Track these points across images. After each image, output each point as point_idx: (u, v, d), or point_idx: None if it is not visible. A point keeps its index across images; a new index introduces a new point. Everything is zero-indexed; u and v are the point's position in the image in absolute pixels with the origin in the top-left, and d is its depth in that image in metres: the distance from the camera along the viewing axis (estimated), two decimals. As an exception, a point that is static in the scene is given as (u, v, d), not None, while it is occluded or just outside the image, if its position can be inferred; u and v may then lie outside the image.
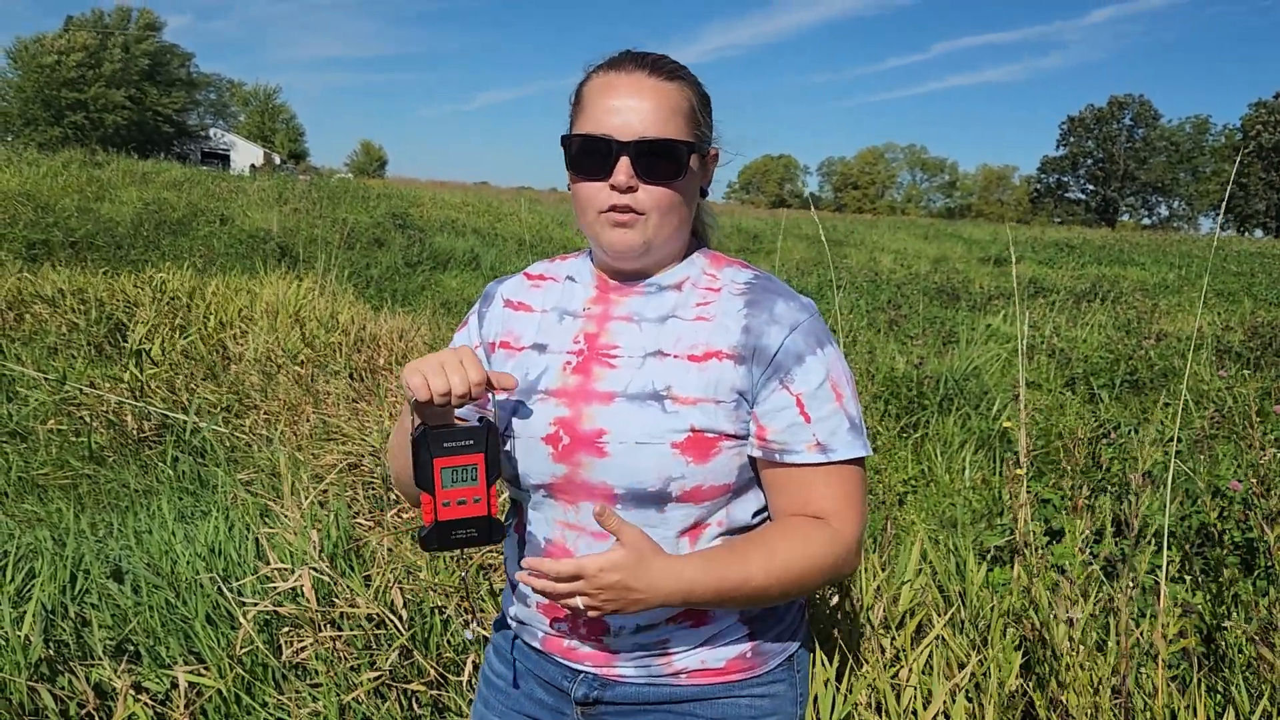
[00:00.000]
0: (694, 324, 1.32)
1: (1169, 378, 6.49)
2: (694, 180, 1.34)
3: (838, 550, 1.28)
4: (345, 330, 6.48)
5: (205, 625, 2.69)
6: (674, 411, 1.27)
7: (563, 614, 1.36)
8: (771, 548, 1.27)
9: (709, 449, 1.27)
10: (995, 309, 10.79)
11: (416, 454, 1.25)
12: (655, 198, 1.29)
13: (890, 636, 2.11)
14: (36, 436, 5.08)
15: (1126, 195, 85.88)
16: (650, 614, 1.31)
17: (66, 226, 12.65)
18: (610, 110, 1.28)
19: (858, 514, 1.31)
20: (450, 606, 2.76)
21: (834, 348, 1.33)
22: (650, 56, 1.33)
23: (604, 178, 1.28)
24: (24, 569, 3.15)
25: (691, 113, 1.32)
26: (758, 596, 1.27)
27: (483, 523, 1.28)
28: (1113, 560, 2.70)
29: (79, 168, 20.94)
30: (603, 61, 1.34)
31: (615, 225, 1.30)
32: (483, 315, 1.49)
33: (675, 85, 1.31)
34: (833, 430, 1.28)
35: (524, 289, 1.48)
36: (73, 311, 7.08)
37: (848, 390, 1.31)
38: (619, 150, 1.27)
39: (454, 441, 1.25)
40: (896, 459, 4.94)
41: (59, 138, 51.03)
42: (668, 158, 1.28)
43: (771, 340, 1.28)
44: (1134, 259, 24.22)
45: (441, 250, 14.70)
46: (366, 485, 4.02)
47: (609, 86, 1.30)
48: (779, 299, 1.31)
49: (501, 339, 1.46)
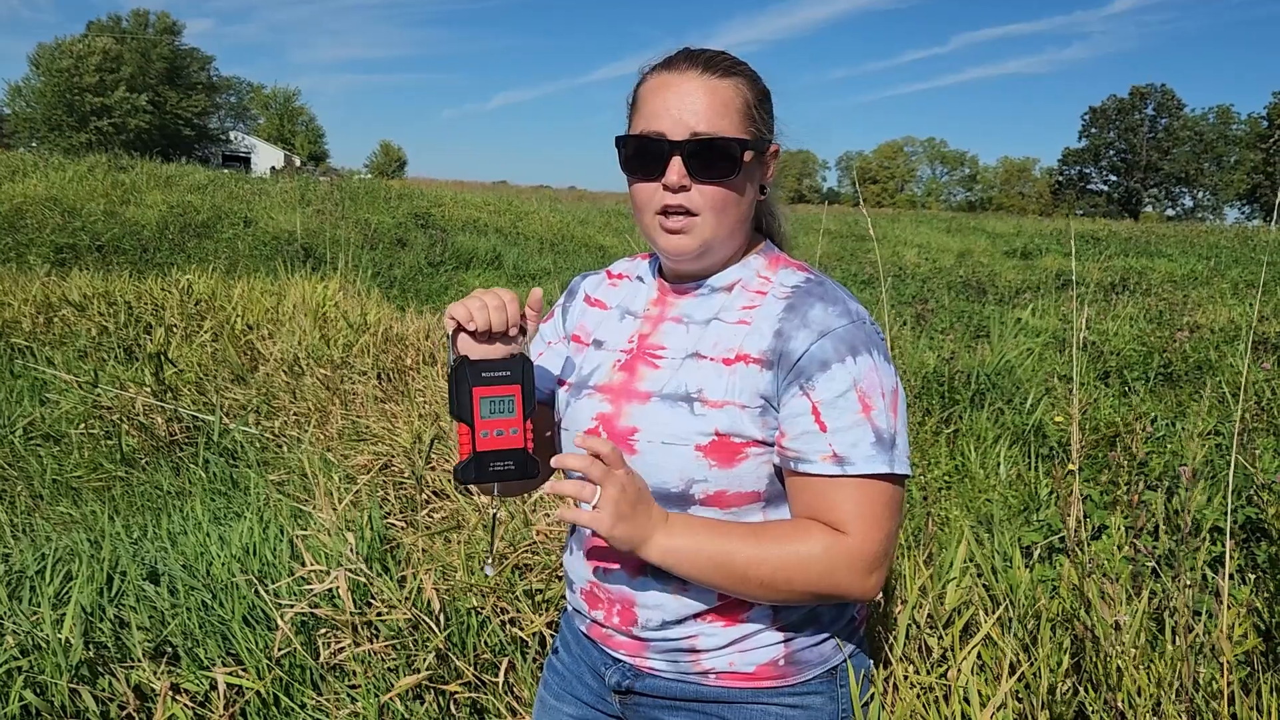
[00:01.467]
0: (734, 327, 1.30)
1: (1204, 370, 6.39)
2: (751, 178, 1.32)
3: (835, 559, 1.21)
4: (372, 331, 6.48)
5: (243, 627, 2.69)
6: (702, 414, 1.26)
7: (599, 602, 1.38)
8: (761, 531, 1.24)
9: (734, 454, 1.26)
10: (1023, 302, 10.69)
11: (456, 384, 1.26)
12: (709, 197, 1.27)
13: (937, 635, 2.08)
14: (69, 439, 5.12)
15: (1150, 186, 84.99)
16: (678, 609, 1.30)
17: (93, 231, 12.78)
18: (662, 109, 1.27)
19: (877, 532, 1.22)
20: (487, 607, 2.75)
21: (872, 358, 1.25)
22: (705, 54, 1.30)
23: (657, 177, 1.27)
24: (61, 571, 3.16)
25: (747, 109, 1.29)
26: (740, 577, 1.22)
27: (520, 455, 1.28)
28: (1159, 558, 2.65)
29: (104, 172, 21.12)
30: (658, 61, 1.33)
31: (669, 231, 1.29)
32: (566, 309, 1.54)
33: (730, 82, 1.28)
34: (853, 442, 1.21)
35: (603, 286, 1.51)
36: (101, 315, 7.13)
37: (880, 403, 1.23)
38: (671, 149, 1.25)
39: (492, 372, 1.26)
40: (930, 455, 4.89)
41: (84, 143, 51.59)
42: (721, 156, 1.26)
43: (798, 345, 1.24)
44: (1161, 250, 23.95)
45: (464, 250, 14.73)
46: (398, 486, 4.02)
47: (662, 86, 1.29)
48: (818, 303, 1.27)
49: (574, 333, 1.49)
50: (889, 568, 1.26)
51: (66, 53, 59.55)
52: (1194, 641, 1.78)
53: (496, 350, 1.30)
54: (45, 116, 59.51)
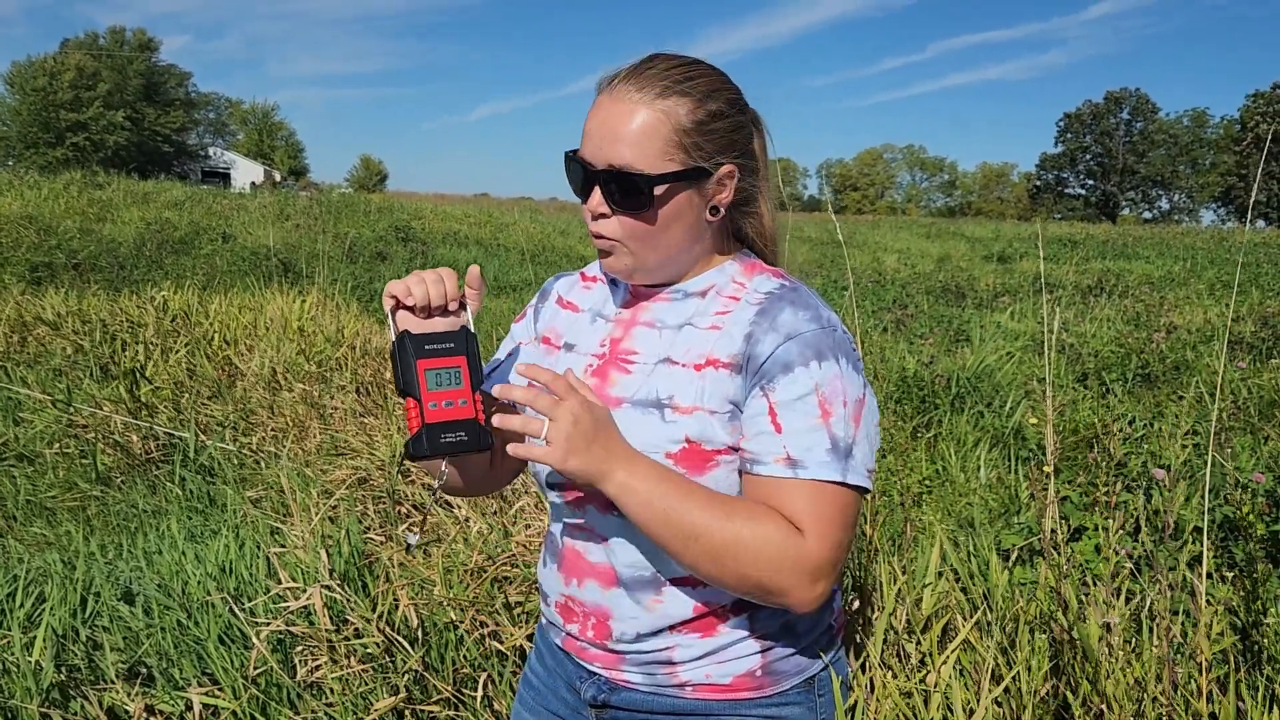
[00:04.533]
0: (706, 332, 1.28)
1: (1181, 370, 6.43)
2: (682, 206, 1.25)
3: (787, 554, 1.16)
4: (350, 344, 6.45)
5: (218, 646, 2.65)
6: (672, 421, 1.24)
7: (573, 616, 1.36)
8: (728, 503, 1.19)
9: (705, 461, 1.23)
10: (1002, 306, 10.74)
11: (400, 359, 1.23)
12: (626, 228, 1.25)
13: (915, 641, 2.07)
14: (44, 459, 5.06)
15: (1126, 190, 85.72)
16: (653, 621, 1.29)
17: (69, 248, 12.68)
18: (589, 132, 1.25)
19: (830, 539, 1.17)
20: (466, 620, 2.73)
21: (839, 365, 1.21)
22: (649, 71, 1.24)
23: (585, 200, 1.27)
24: (34, 593, 3.12)
25: (675, 135, 1.22)
26: (687, 537, 1.16)
27: (471, 425, 1.24)
28: (1137, 559, 2.65)
29: (80, 189, 20.99)
30: (612, 72, 1.28)
31: (600, 251, 1.29)
32: (538, 310, 1.50)
33: (664, 105, 1.22)
34: (808, 446, 1.18)
35: (576, 288, 1.48)
36: (76, 333, 7.07)
37: (840, 411, 1.19)
38: (590, 178, 1.24)
39: (435, 344, 1.24)
40: (910, 459, 4.89)
41: (60, 160, 51.32)
42: (631, 190, 1.22)
43: (765, 348, 1.21)
44: (1138, 253, 24.16)
45: (444, 262, 14.69)
46: (376, 500, 3.99)
47: (596, 106, 1.25)
48: (789, 307, 1.24)
49: (544, 335, 1.46)
50: (833, 583, 1.20)
51: (41, 70, 59.27)
52: (1172, 641, 1.78)
53: (438, 325, 1.27)
54: (21, 134, 59.17)
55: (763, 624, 1.30)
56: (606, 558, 1.31)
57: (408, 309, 1.27)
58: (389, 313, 1.28)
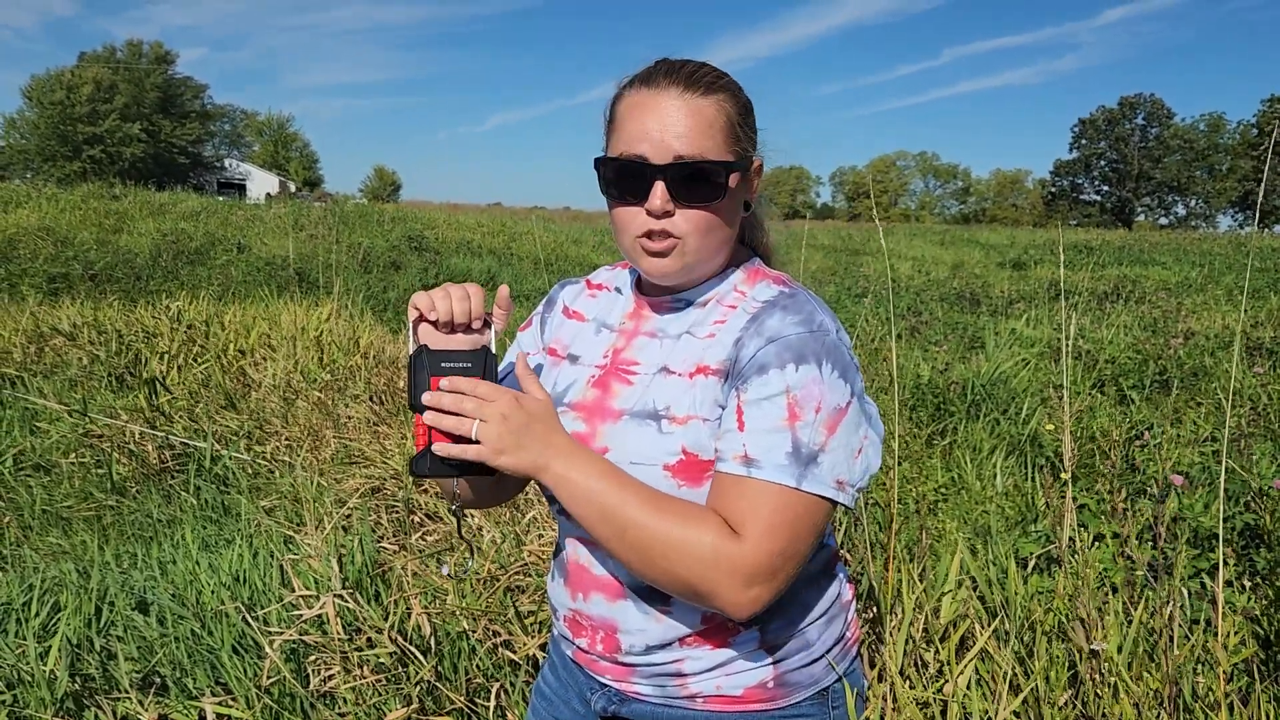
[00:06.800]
0: (703, 341, 1.27)
1: (1199, 376, 6.38)
2: (736, 198, 1.27)
3: (719, 558, 1.13)
4: (365, 354, 6.46)
5: (232, 655, 2.65)
6: (669, 432, 1.23)
7: (582, 629, 1.35)
8: (662, 502, 1.18)
9: (702, 472, 1.22)
10: (1017, 313, 10.68)
11: (415, 374, 1.21)
12: (693, 221, 1.23)
13: (933, 650, 2.05)
14: (60, 469, 5.08)
15: (1142, 195, 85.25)
16: (662, 633, 1.27)
17: (86, 260, 12.77)
18: (644, 131, 1.22)
19: (771, 544, 1.14)
20: (479, 629, 2.72)
21: (819, 370, 1.18)
22: (685, 69, 1.25)
23: (640, 202, 1.23)
24: (49, 602, 3.13)
25: (730, 127, 1.24)
26: (618, 531, 1.16)
27: None
28: (1155, 566, 2.62)
29: (97, 201, 21.17)
30: (635, 75, 1.27)
31: (652, 254, 1.25)
32: (544, 320, 1.49)
33: (712, 99, 1.23)
34: (768, 447, 1.15)
35: (582, 297, 1.47)
36: (92, 344, 7.11)
37: (810, 416, 1.16)
38: (654, 174, 1.21)
39: (452, 362, 1.21)
40: (925, 467, 4.86)
41: (77, 173, 51.79)
42: (705, 180, 1.21)
43: (747, 351, 1.20)
44: (1154, 259, 24.00)
45: (458, 271, 14.73)
46: (390, 509, 3.99)
47: (642, 105, 1.23)
48: (779, 312, 1.22)
49: (550, 345, 1.46)
50: (774, 592, 1.17)
51: (59, 84, 59.87)
52: (1191, 650, 1.76)
53: (459, 341, 1.25)
54: (39, 148, 59.74)
55: (774, 634, 1.29)
56: (611, 570, 1.30)
57: (430, 322, 1.25)
58: (410, 324, 1.26)
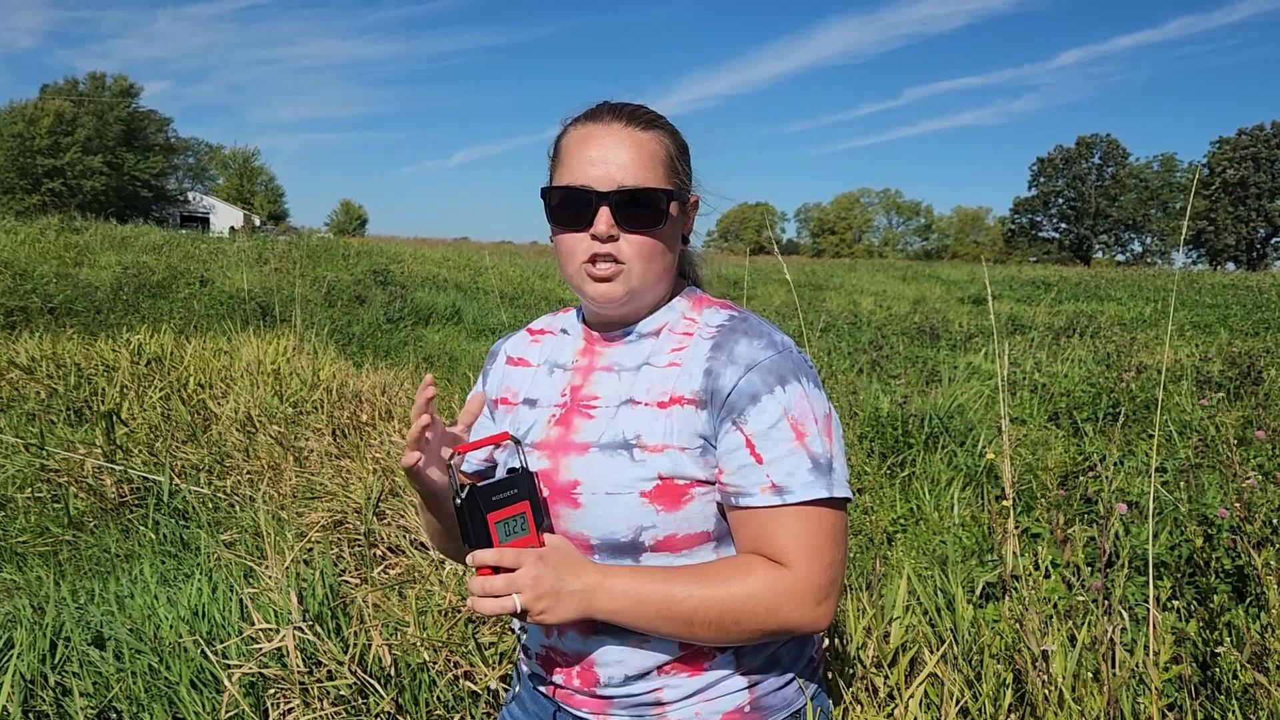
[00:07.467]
0: (665, 370, 1.32)
1: (1151, 409, 6.52)
2: (675, 227, 1.35)
3: (779, 594, 1.21)
4: (327, 387, 6.44)
5: (190, 690, 2.63)
6: (642, 460, 1.26)
7: (555, 666, 1.36)
8: (704, 574, 1.23)
9: (679, 496, 1.26)
10: (976, 347, 10.86)
11: (470, 516, 1.23)
12: (636, 247, 1.29)
13: (884, 675, 2.09)
14: (15, 504, 5.01)
15: (1099, 233, 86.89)
16: (640, 662, 1.29)
17: (45, 293, 12.60)
18: (588, 161, 1.29)
19: (820, 562, 1.23)
20: (440, 661, 2.72)
21: (801, 385, 1.27)
22: (627, 107, 1.34)
23: (584, 228, 1.29)
24: (2, 638, 3.09)
25: (670, 160, 1.32)
26: (687, 621, 1.22)
27: None
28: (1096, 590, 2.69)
29: (56, 234, 20.89)
30: (580, 114, 1.35)
31: (597, 280, 1.30)
32: (487, 374, 1.54)
33: (653, 134, 1.32)
34: (790, 470, 1.22)
35: (524, 344, 1.52)
36: (50, 378, 7.02)
37: (813, 429, 1.25)
38: (599, 200, 1.27)
39: (500, 493, 1.24)
40: (885, 498, 4.93)
41: (37, 205, 51.11)
42: (648, 206, 1.29)
43: (727, 381, 1.25)
44: (1110, 294, 24.47)
45: (423, 305, 14.69)
46: (352, 542, 3.98)
47: (587, 138, 1.31)
48: (743, 338, 1.29)
49: (501, 395, 1.49)
50: (838, 596, 1.25)
51: (20, 116, 59.27)
52: (1128, 670, 1.82)
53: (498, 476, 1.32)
54: (-2, 181, 58.97)
55: (749, 659, 1.32)
56: None
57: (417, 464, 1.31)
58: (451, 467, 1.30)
